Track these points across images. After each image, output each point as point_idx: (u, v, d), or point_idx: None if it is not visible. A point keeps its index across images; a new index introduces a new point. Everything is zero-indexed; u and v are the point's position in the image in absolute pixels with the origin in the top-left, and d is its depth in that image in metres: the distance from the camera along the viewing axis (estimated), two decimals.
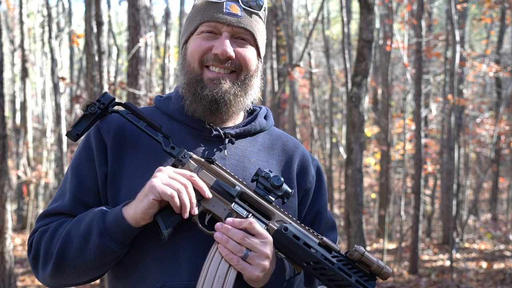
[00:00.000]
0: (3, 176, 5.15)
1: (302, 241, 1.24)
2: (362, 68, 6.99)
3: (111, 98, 1.35)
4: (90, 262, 1.25)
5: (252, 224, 1.21)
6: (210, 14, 1.34)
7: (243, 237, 1.19)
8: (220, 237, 1.20)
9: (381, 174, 12.07)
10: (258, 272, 1.19)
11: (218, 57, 1.33)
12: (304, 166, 1.46)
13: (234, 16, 1.34)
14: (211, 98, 1.33)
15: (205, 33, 1.35)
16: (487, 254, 10.20)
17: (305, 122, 17.17)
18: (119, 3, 26.04)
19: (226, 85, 1.34)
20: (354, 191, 7.23)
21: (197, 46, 1.35)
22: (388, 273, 1.25)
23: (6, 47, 14.04)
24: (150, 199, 1.18)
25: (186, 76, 1.36)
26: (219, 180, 1.28)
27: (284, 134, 1.52)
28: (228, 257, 1.20)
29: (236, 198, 1.26)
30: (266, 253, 1.20)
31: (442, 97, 12.35)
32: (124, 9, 34.79)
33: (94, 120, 1.33)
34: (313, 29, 9.32)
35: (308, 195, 1.46)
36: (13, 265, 5.25)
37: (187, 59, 1.37)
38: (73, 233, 1.25)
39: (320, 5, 9.21)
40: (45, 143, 13.07)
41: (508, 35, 15.76)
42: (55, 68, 11.63)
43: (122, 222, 1.22)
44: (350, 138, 7.25)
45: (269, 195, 1.28)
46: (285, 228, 1.25)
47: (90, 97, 5.84)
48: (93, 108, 1.32)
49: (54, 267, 1.26)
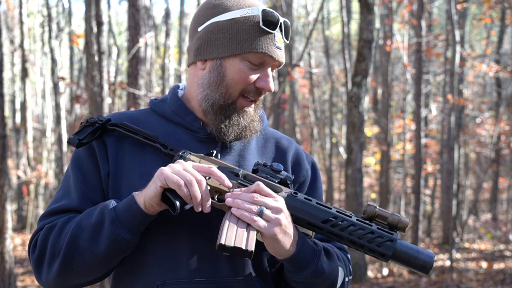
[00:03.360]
0: (3, 176, 5.15)
1: (314, 201, 1.25)
2: (362, 68, 6.99)
3: (107, 118, 1.38)
4: (101, 254, 1.22)
5: (260, 185, 1.22)
6: (266, 47, 1.31)
7: (254, 197, 1.19)
8: (232, 201, 1.20)
9: (381, 174, 12.07)
10: (275, 228, 1.18)
11: (259, 90, 1.35)
12: (297, 161, 1.48)
13: (280, 49, 1.35)
14: (242, 126, 1.36)
15: (252, 63, 1.32)
16: (487, 254, 10.20)
17: (305, 122, 17.17)
18: (119, 3, 26.08)
19: (252, 113, 1.38)
20: (354, 191, 7.23)
21: (244, 77, 1.32)
22: (406, 224, 1.22)
23: (6, 47, 14.03)
24: (158, 186, 1.18)
25: (220, 98, 1.34)
26: (221, 166, 1.30)
27: (277, 133, 1.53)
28: (243, 216, 1.18)
29: (240, 179, 1.28)
30: (280, 208, 1.20)
31: (442, 97, 12.36)
32: (124, 9, 34.80)
33: (94, 129, 1.35)
34: (313, 29, 9.33)
35: (302, 188, 1.47)
36: (13, 265, 5.25)
37: (226, 81, 1.33)
38: (84, 224, 1.24)
39: (320, 5, 9.21)
40: (45, 143, 13.08)
41: (508, 35, 15.76)
42: (55, 68, 11.63)
43: (134, 207, 1.21)
44: (350, 138, 7.26)
45: (272, 178, 1.29)
46: (295, 192, 1.26)
47: (90, 97, 5.84)
48: (93, 119, 1.36)
49: (62, 263, 1.23)
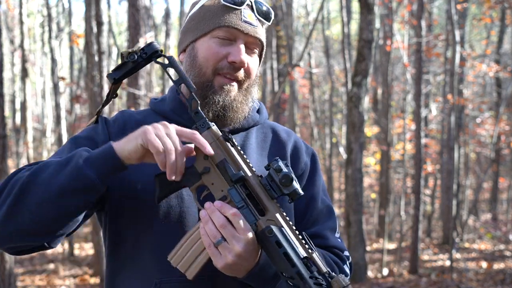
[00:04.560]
0: (3, 176, 5.15)
1: (283, 250, 1.16)
2: (362, 68, 6.99)
3: (155, 49, 1.30)
4: (56, 187, 1.14)
5: (234, 216, 1.17)
6: (229, 20, 1.34)
7: (223, 224, 1.17)
8: (203, 216, 1.19)
9: (381, 174, 12.07)
10: (223, 263, 1.17)
11: (233, 65, 1.33)
12: (296, 152, 1.47)
13: (251, 25, 1.36)
14: (221, 104, 1.34)
15: (220, 38, 1.34)
16: (487, 254, 10.21)
17: (305, 122, 17.17)
18: (119, 3, 26.07)
19: (234, 92, 1.36)
20: (354, 191, 7.24)
21: (213, 52, 1.34)
22: None
23: (6, 47, 14.03)
24: (138, 143, 1.16)
25: (196, 79, 1.35)
26: (227, 159, 1.23)
27: (276, 125, 1.52)
28: (203, 238, 1.19)
29: (237, 184, 1.22)
30: (237, 250, 1.16)
31: (442, 97, 12.36)
32: (124, 9, 34.81)
33: (134, 68, 1.31)
34: (313, 29, 9.33)
35: (301, 181, 1.45)
36: (13, 265, 5.25)
37: (198, 61, 1.36)
38: (52, 162, 1.19)
39: (320, 5, 9.22)
40: (45, 143, 13.08)
41: (508, 35, 15.76)
42: (55, 68, 11.63)
43: (109, 150, 1.18)
44: (350, 138, 7.26)
45: (274, 191, 1.21)
46: (269, 231, 1.17)
47: (90, 97, 5.84)
48: (133, 56, 1.29)
49: (14, 198, 1.14)
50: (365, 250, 7.54)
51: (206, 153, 1.20)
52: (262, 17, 1.39)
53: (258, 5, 1.39)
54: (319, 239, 1.41)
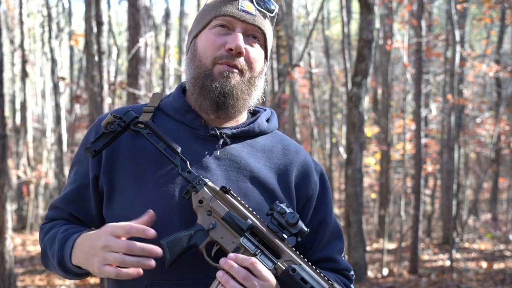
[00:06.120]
0: (3, 176, 5.15)
1: (309, 285, 1.20)
2: (362, 68, 6.99)
3: (133, 116, 1.32)
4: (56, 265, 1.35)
5: (254, 264, 1.17)
6: (225, 9, 1.34)
7: (245, 277, 1.16)
8: (221, 276, 1.17)
9: (381, 174, 12.07)
10: None
11: (230, 53, 1.31)
12: (306, 172, 1.42)
13: (249, 14, 1.34)
14: (220, 91, 1.31)
15: (218, 27, 1.33)
16: (487, 254, 10.21)
17: (305, 122, 17.17)
18: (119, 3, 26.02)
19: (234, 80, 1.32)
20: (354, 191, 7.23)
21: (211, 42, 1.33)
22: None
23: (6, 47, 14.02)
24: (95, 271, 1.22)
25: (195, 70, 1.34)
26: (231, 211, 1.24)
27: (286, 138, 1.48)
28: None
29: (247, 232, 1.23)
30: None
31: (442, 97, 12.36)
32: (124, 9, 34.81)
33: (113, 138, 1.31)
34: (313, 29, 9.33)
35: (311, 202, 1.42)
36: (13, 265, 5.25)
37: (198, 53, 1.34)
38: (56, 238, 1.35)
39: (320, 5, 9.22)
40: (45, 143, 13.08)
41: (508, 35, 15.76)
42: (55, 68, 11.64)
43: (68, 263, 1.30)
44: (350, 138, 7.26)
45: (283, 232, 1.23)
46: (292, 270, 1.20)
47: (90, 97, 5.84)
48: (113, 126, 1.30)
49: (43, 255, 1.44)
50: (365, 250, 7.54)
51: (148, 236, 1.18)
52: (262, 7, 1.37)
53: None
54: (332, 263, 1.42)
